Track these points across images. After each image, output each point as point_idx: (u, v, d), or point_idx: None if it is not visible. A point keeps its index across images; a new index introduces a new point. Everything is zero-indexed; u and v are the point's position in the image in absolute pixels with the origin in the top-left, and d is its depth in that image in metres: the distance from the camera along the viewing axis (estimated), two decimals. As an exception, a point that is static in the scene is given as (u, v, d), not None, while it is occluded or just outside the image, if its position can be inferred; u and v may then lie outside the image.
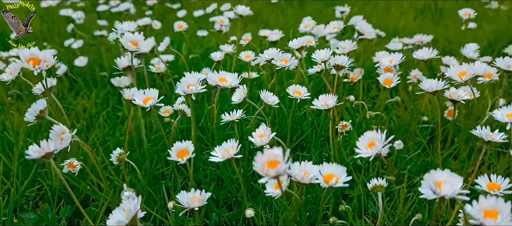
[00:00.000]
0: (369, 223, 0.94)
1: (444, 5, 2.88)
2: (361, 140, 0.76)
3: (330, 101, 0.98)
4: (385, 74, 1.21)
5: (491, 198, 0.59)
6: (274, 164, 0.57)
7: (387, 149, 0.85)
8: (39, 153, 0.77)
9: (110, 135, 1.31)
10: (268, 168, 0.57)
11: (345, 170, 0.75)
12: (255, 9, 2.63)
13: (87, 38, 2.05)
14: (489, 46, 1.96)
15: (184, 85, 0.95)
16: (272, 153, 0.57)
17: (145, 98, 0.94)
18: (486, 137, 0.88)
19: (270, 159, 0.57)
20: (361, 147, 0.75)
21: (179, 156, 0.87)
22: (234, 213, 0.98)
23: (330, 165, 0.76)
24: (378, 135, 0.74)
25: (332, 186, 0.73)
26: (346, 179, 0.73)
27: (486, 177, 0.80)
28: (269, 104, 1.02)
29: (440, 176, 0.65)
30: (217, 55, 1.42)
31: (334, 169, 0.76)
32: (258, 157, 0.57)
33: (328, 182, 0.73)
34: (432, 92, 1.02)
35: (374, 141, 0.74)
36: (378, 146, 0.73)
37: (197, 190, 0.81)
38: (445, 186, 0.63)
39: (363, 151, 0.75)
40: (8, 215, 0.95)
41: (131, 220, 0.65)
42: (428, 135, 1.27)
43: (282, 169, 0.57)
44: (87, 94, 1.61)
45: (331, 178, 0.73)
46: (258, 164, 0.57)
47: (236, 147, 0.83)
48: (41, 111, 0.89)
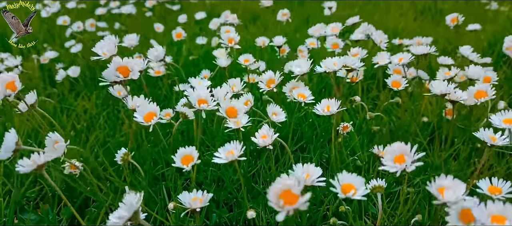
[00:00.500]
0: (369, 224, 0.94)
1: (444, 6, 2.88)
2: (387, 152, 0.72)
3: (333, 108, 0.98)
4: (393, 76, 1.22)
5: (499, 203, 0.58)
6: (288, 195, 0.55)
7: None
8: (30, 166, 0.76)
9: (110, 136, 1.31)
10: (283, 202, 0.55)
11: (364, 182, 0.71)
12: (255, 10, 2.64)
13: (88, 39, 2.05)
14: (489, 47, 1.96)
15: (195, 100, 0.93)
16: (285, 184, 0.55)
17: (147, 114, 0.91)
18: (489, 140, 0.86)
19: (283, 189, 0.55)
20: (388, 161, 0.71)
21: (183, 162, 0.86)
22: (235, 214, 0.98)
23: (349, 174, 0.72)
24: (407, 148, 0.70)
25: (350, 198, 0.69)
26: (364, 192, 0.70)
27: (487, 180, 0.79)
28: (273, 121, 1.01)
29: (444, 182, 0.65)
30: (223, 61, 1.37)
31: (353, 179, 0.72)
32: (271, 189, 0.55)
33: (346, 193, 0.69)
34: (441, 95, 1.02)
35: (404, 155, 0.70)
36: (408, 161, 0.69)
37: (198, 191, 0.81)
38: (447, 192, 0.62)
39: (389, 164, 0.71)
40: (8, 215, 0.95)
41: (133, 214, 0.65)
42: (428, 136, 1.27)
43: (302, 204, 0.54)
44: (88, 96, 1.61)
45: (349, 189, 0.70)
46: (271, 194, 0.55)
47: (240, 148, 0.82)
48: (16, 144, 0.81)
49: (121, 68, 0.96)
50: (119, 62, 0.96)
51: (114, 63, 0.96)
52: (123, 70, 0.96)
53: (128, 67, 0.97)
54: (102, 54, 1.02)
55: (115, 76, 0.95)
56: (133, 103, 0.97)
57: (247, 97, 1.07)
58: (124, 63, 0.97)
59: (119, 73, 0.95)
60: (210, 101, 0.94)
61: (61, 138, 0.86)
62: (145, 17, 2.52)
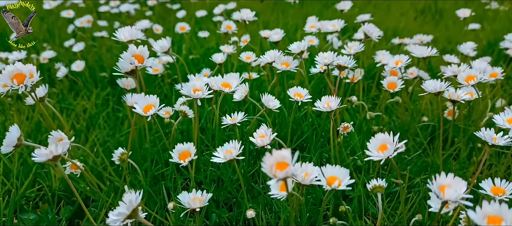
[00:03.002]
0: (369, 224, 0.94)
1: (444, 6, 2.88)
2: (372, 142, 0.75)
3: (333, 104, 0.98)
4: (389, 78, 1.21)
5: (495, 204, 0.58)
6: (282, 165, 0.56)
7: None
8: (46, 156, 0.76)
9: (110, 135, 1.31)
10: (276, 169, 0.56)
11: (348, 173, 0.74)
12: (255, 9, 2.64)
13: (87, 39, 2.05)
14: (489, 46, 1.96)
15: (190, 89, 0.94)
16: (280, 154, 0.56)
17: (146, 106, 0.91)
18: (491, 140, 0.86)
19: (278, 160, 0.57)
20: (372, 150, 0.74)
21: (181, 158, 0.87)
22: (234, 214, 0.98)
23: (332, 167, 0.76)
24: (389, 137, 0.73)
25: (335, 189, 0.73)
26: (349, 182, 0.73)
27: (490, 181, 0.78)
28: (270, 108, 1.02)
29: (444, 180, 0.65)
30: (219, 57, 1.40)
31: (337, 171, 0.75)
32: (266, 158, 0.57)
33: (331, 185, 0.73)
34: (436, 94, 1.02)
35: (386, 143, 0.73)
36: (390, 149, 0.72)
37: (198, 191, 0.81)
38: (448, 190, 0.62)
39: (374, 153, 0.74)
40: (8, 215, 0.95)
41: (132, 211, 0.65)
42: (428, 136, 1.27)
43: (290, 171, 0.56)
44: (87, 95, 1.61)
45: (334, 181, 0.73)
46: (266, 165, 0.57)
47: (238, 148, 0.83)
48: (18, 139, 0.82)
49: (137, 56, 1.01)
50: (134, 50, 1.01)
51: (130, 50, 1.01)
52: (138, 58, 1.00)
53: (142, 56, 1.01)
54: (123, 38, 1.08)
55: (130, 63, 0.99)
56: (132, 100, 0.98)
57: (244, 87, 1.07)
58: (138, 52, 1.01)
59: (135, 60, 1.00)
60: (204, 90, 0.94)
61: (65, 135, 0.86)
62: (145, 16, 2.52)
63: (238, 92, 1.06)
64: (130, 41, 1.08)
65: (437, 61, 1.72)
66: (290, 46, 1.20)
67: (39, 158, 0.76)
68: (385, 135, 0.74)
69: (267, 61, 1.19)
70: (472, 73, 1.05)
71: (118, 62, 1.00)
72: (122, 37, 1.08)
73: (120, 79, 1.29)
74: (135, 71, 1.01)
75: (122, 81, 1.30)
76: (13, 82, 0.87)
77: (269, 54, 1.19)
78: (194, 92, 0.93)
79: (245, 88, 1.06)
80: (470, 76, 1.05)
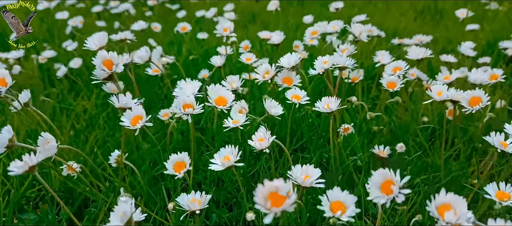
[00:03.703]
0: (370, 224, 0.94)
1: (444, 6, 2.88)
2: (372, 181, 0.68)
3: (333, 105, 0.97)
4: (388, 78, 1.21)
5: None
6: (275, 196, 0.54)
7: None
8: (22, 168, 0.76)
9: (110, 136, 1.31)
10: (270, 204, 0.54)
11: (356, 201, 0.67)
12: (255, 10, 2.64)
13: (86, 39, 2.05)
14: (489, 46, 1.96)
15: (180, 104, 0.90)
16: (272, 185, 0.54)
17: (134, 118, 0.87)
18: (500, 146, 0.82)
19: (271, 191, 0.54)
20: (374, 189, 0.68)
21: (175, 169, 0.84)
22: (235, 214, 0.98)
23: (340, 191, 0.68)
24: (391, 174, 0.67)
25: (338, 218, 0.66)
26: (352, 213, 0.66)
27: (495, 185, 0.77)
28: (272, 115, 1.01)
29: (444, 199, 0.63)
30: (218, 60, 1.38)
31: (344, 198, 0.68)
32: (258, 190, 0.54)
33: (335, 212, 0.66)
34: (442, 101, 1.01)
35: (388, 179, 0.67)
36: (395, 190, 0.65)
37: (197, 192, 0.81)
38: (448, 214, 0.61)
39: (376, 193, 0.67)
40: (8, 215, 0.95)
41: (126, 223, 0.65)
42: (428, 136, 1.27)
43: (289, 205, 0.53)
44: (87, 95, 1.61)
45: (338, 208, 0.67)
46: (258, 198, 0.54)
47: (236, 154, 0.80)
48: (9, 140, 0.82)
49: (106, 62, 0.98)
50: (104, 55, 0.97)
51: (99, 56, 0.97)
52: (108, 63, 0.97)
53: (112, 61, 0.98)
54: (93, 46, 1.05)
55: (101, 70, 0.96)
56: (120, 102, 0.95)
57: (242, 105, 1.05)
58: (108, 57, 0.98)
59: (105, 67, 0.96)
60: (195, 105, 0.90)
61: (52, 138, 0.85)
62: (145, 16, 2.51)
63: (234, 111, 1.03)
64: (101, 48, 1.05)
65: (437, 62, 1.72)
66: (281, 61, 1.15)
67: (15, 171, 0.75)
68: (385, 171, 0.68)
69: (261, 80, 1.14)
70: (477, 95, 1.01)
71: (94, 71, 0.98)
72: (93, 46, 1.06)
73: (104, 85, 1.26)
74: (112, 76, 0.98)
75: (107, 86, 1.27)
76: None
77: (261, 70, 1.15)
78: (184, 109, 0.89)
79: (243, 105, 1.04)
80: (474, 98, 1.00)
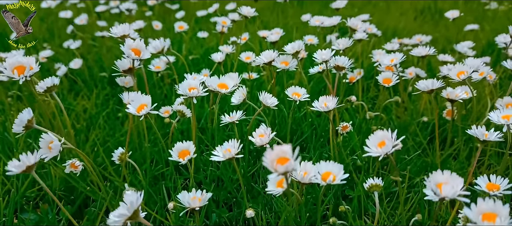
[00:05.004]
0: (369, 224, 0.94)
1: (443, 6, 2.88)
2: (371, 139, 0.76)
3: (330, 103, 0.98)
4: (384, 73, 1.21)
5: (490, 201, 0.59)
6: (283, 160, 0.57)
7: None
8: (20, 167, 0.76)
9: (110, 135, 1.31)
10: (277, 164, 0.57)
11: (342, 168, 0.76)
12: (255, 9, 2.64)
13: (87, 39, 2.05)
14: (488, 46, 1.96)
15: (185, 87, 0.94)
16: (281, 150, 0.57)
17: (139, 106, 0.90)
18: (482, 136, 0.88)
19: (279, 155, 0.58)
20: (371, 146, 0.75)
21: (180, 156, 0.88)
22: (234, 214, 0.98)
23: (327, 163, 0.78)
24: (388, 134, 0.74)
25: (330, 184, 0.74)
26: (343, 177, 0.74)
27: (486, 178, 0.79)
28: (268, 106, 1.02)
29: (441, 177, 0.66)
30: (218, 56, 1.41)
31: (332, 167, 0.77)
32: (267, 153, 0.57)
33: (326, 180, 0.74)
34: (428, 91, 1.02)
35: (384, 140, 0.74)
36: (388, 145, 0.73)
37: (197, 190, 0.82)
38: (445, 187, 0.63)
39: (373, 150, 0.74)
40: (8, 215, 0.95)
41: (133, 213, 0.66)
42: (428, 135, 1.27)
43: (291, 165, 0.57)
44: (87, 95, 1.61)
45: (328, 176, 0.75)
46: (267, 160, 0.57)
47: (237, 146, 0.83)
48: (28, 121, 0.85)
49: (134, 49, 1.02)
50: (131, 43, 1.01)
51: (127, 44, 1.01)
52: (135, 51, 1.01)
53: (139, 49, 1.02)
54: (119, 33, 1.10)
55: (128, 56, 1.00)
56: (128, 98, 0.97)
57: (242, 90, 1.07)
58: (135, 45, 1.02)
59: (133, 53, 1.00)
60: (200, 88, 0.94)
61: (55, 138, 0.86)
62: (144, 16, 2.52)
63: (236, 96, 1.06)
64: (123, 37, 1.10)
65: (437, 62, 1.72)
66: (286, 47, 1.20)
67: (13, 171, 0.75)
68: (384, 131, 0.75)
69: (264, 62, 1.16)
70: (463, 69, 1.07)
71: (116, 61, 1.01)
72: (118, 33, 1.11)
73: (119, 78, 1.31)
74: (132, 69, 1.03)
75: (121, 80, 1.32)
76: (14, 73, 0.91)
77: (265, 54, 1.17)
78: (190, 91, 0.93)
79: (243, 91, 1.05)
80: (461, 71, 1.06)
